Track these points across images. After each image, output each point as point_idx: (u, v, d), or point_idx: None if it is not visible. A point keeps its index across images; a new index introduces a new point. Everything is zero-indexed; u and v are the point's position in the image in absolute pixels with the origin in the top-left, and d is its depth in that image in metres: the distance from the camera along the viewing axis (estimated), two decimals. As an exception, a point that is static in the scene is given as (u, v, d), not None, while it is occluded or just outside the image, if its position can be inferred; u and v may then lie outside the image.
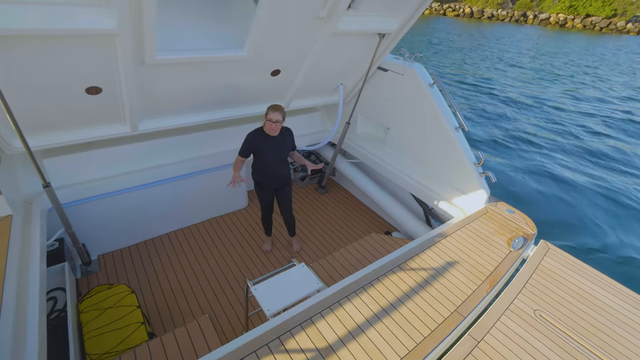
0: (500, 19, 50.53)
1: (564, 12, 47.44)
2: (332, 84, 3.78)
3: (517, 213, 2.90)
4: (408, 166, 3.61)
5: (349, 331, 1.85)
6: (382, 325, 1.90)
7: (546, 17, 48.40)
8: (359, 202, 4.59)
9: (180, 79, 2.59)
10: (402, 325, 1.92)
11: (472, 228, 2.69)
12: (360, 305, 2.00)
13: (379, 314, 1.97)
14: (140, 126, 2.87)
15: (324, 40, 2.81)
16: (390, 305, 2.03)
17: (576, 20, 46.42)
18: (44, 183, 2.37)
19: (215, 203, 4.04)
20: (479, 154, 2.96)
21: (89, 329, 2.35)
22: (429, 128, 3.31)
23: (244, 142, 2.87)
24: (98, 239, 3.36)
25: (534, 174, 7.15)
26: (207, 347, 2.08)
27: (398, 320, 1.94)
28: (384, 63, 3.59)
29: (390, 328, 1.90)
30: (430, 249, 2.46)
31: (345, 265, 2.75)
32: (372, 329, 1.88)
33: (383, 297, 2.07)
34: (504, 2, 52.18)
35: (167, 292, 3.12)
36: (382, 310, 1.99)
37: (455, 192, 3.17)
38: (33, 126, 2.39)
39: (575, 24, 46.52)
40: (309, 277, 2.24)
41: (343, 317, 1.93)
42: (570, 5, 46.94)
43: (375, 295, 2.08)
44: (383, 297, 2.07)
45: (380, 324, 1.91)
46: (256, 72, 2.92)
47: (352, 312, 1.96)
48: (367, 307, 2.00)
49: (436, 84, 3.21)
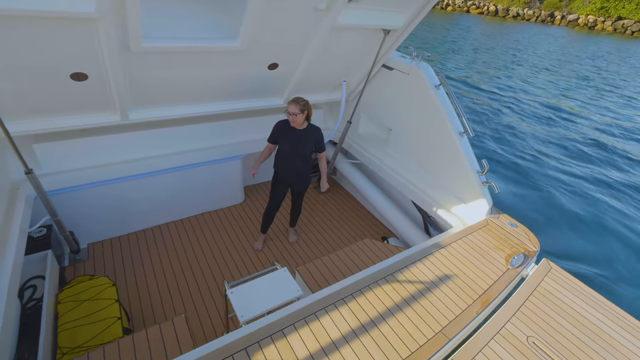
0: (525, 19, 48.76)
1: (594, 14, 45.45)
2: (335, 80, 3.63)
3: (519, 227, 2.72)
4: (409, 170, 3.44)
5: (322, 347, 1.74)
6: (358, 343, 1.78)
7: (575, 18, 46.45)
8: (358, 204, 4.45)
9: (171, 68, 2.49)
10: (380, 344, 1.79)
11: (468, 241, 2.53)
12: (338, 319, 1.88)
13: (356, 329, 1.84)
14: (131, 115, 2.79)
15: (324, 34, 2.66)
16: (370, 320, 1.90)
17: (607, 22, 44.42)
18: (25, 170, 2.32)
19: (210, 197, 3.97)
20: (483, 162, 2.77)
21: (64, 321, 2.31)
22: (432, 132, 3.14)
23: (273, 128, 3.02)
24: (88, 227, 3.33)
25: (545, 189, 6.69)
26: (178, 349, 2.01)
27: (376, 338, 1.81)
28: (390, 61, 3.41)
29: (366, 346, 1.77)
30: (421, 261, 2.32)
31: (333, 271, 2.63)
32: (347, 346, 1.76)
33: (363, 311, 1.95)
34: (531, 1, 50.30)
35: (152, 286, 3.07)
36: (361, 325, 1.87)
37: (456, 200, 3.00)
38: (17, 110, 2.33)
39: (605, 26, 44.52)
40: (289, 284, 2.14)
41: (318, 331, 1.82)
42: (602, 7, 44.92)
43: (355, 308, 1.96)
44: (363, 311, 1.95)
45: (356, 341, 1.79)
46: (252, 65, 2.80)
47: (328, 326, 1.85)
48: (344, 322, 1.88)
49: (442, 85, 3.03)
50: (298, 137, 2.95)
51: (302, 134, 2.96)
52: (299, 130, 2.95)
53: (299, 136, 2.95)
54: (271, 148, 3.11)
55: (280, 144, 3.01)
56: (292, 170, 3.10)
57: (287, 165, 3.08)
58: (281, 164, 3.10)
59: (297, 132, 2.94)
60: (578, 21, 46.29)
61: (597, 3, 45.15)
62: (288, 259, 3.50)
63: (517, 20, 48.44)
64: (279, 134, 2.98)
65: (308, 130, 2.98)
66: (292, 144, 2.97)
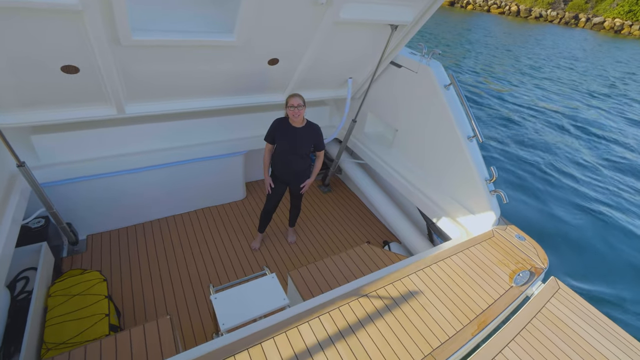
0: (548, 20, 47.17)
1: (622, 17, 43.68)
2: (341, 77, 3.51)
3: (527, 241, 2.56)
4: (413, 174, 3.30)
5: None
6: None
7: (600, 21, 44.72)
8: (362, 205, 4.32)
9: (166, 63, 2.42)
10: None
11: (471, 254, 2.39)
12: (320, 332, 1.78)
13: (340, 347, 1.73)
14: (127, 109, 2.75)
15: (326, 30, 2.54)
16: (356, 337, 1.79)
17: (634, 26, 42.63)
18: (17, 162, 2.29)
19: (211, 193, 3.92)
20: (492, 170, 2.62)
21: (52, 315, 2.28)
22: (439, 134, 2.99)
23: (270, 126, 2.91)
24: (87, 219, 3.31)
25: (559, 201, 6.31)
26: (160, 353, 1.94)
27: (360, 357, 1.70)
28: (398, 58, 3.27)
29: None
30: (418, 273, 2.19)
31: (327, 277, 2.53)
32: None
33: (349, 327, 1.83)
34: (554, 2, 48.61)
35: (147, 281, 3.03)
36: (344, 342, 1.75)
37: (461, 209, 2.85)
38: (11, 102, 2.31)
39: (632, 30, 42.75)
40: (276, 291, 2.05)
41: (298, 345, 1.72)
42: (630, 10, 43.13)
43: (340, 323, 1.85)
44: (349, 327, 1.83)
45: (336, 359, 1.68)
46: (251, 60, 2.71)
47: (309, 341, 1.74)
48: (328, 338, 1.77)
49: (452, 85, 2.87)
50: (297, 135, 2.85)
51: (301, 131, 2.85)
52: (297, 128, 2.84)
53: (297, 134, 2.85)
54: (271, 149, 3.02)
55: (278, 142, 2.91)
56: (290, 169, 3.01)
57: (285, 164, 2.99)
58: (279, 163, 3.01)
59: (295, 130, 2.84)
60: (604, 24, 44.57)
61: (625, 6, 43.38)
62: (285, 259, 3.42)
63: (539, 21, 46.94)
64: (277, 132, 2.88)
65: (307, 128, 2.87)
66: (290, 142, 2.87)
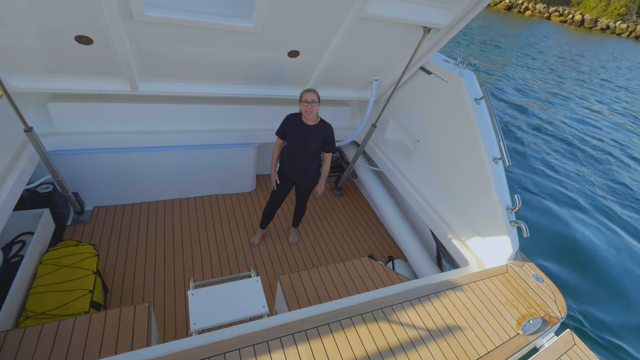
0: (616, 33, 42.90)
1: None
2: (365, 77, 3.29)
3: (546, 283, 2.26)
4: (430, 191, 3.05)
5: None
6: None
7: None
8: (373, 214, 4.11)
9: (181, 43, 2.33)
10: None
11: (477, 288, 2.14)
12: (292, 354, 1.63)
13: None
14: (141, 87, 2.70)
15: (351, 24, 2.34)
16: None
17: None
18: (25, 127, 2.30)
19: (220, 181, 3.87)
20: (516, 198, 2.33)
21: (39, 283, 2.30)
22: (463, 151, 2.72)
23: (282, 121, 2.83)
24: (95, 191, 3.35)
25: (590, 243, 5.54)
26: (130, 342, 1.88)
27: None
28: (429, 64, 3.01)
29: None
30: (414, 304, 1.98)
31: (318, 289, 2.37)
32: None
33: (325, 353, 1.67)
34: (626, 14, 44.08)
35: (140, 261, 3.02)
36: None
37: (476, 236, 2.58)
38: (26, 67, 2.31)
39: None
40: (256, 297, 1.92)
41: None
42: None
43: (316, 347, 1.68)
44: (325, 353, 1.67)
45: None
46: (269, 50, 2.57)
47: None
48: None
49: (484, 100, 2.59)
50: (308, 133, 2.71)
51: (313, 130, 2.71)
52: (310, 126, 2.70)
53: (309, 132, 2.71)
54: (281, 144, 2.90)
55: (288, 138, 2.79)
56: (297, 167, 2.88)
57: (293, 162, 2.86)
58: (286, 159, 2.89)
59: (307, 128, 2.70)
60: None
61: None
62: (282, 260, 3.30)
63: (606, 33, 42.78)
64: (288, 127, 2.76)
65: (319, 127, 2.72)
66: (300, 140, 2.73)
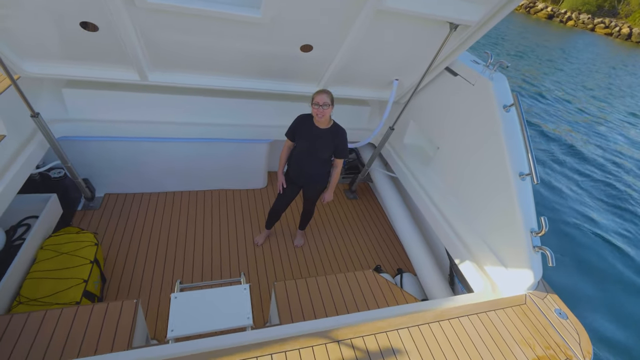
0: (668, 49, 39.21)
1: None
2: (385, 76, 3.09)
3: (571, 320, 1.98)
4: (447, 203, 2.80)
5: None
6: None
7: None
8: (386, 222, 3.89)
9: (187, 33, 2.25)
10: None
11: (489, 320, 1.89)
12: None
13: None
14: (150, 77, 2.66)
15: (368, 18, 2.16)
16: None
17: None
18: (31, 112, 2.30)
19: (231, 176, 3.80)
20: (542, 221, 2.05)
21: (36, 269, 2.29)
22: (486, 163, 2.46)
23: (293, 122, 2.69)
24: (105, 178, 3.37)
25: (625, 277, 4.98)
26: (112, 340, 1.82)
27: None
28: (455, 64, 2.76)
29: None
30: (413, 332, 1.78)
31: (314, 300, 2.21)
32: None
33: None
34: (681, 29, 40.08)
35: (142, 253, 2.99)
36: None
37: (493, 259, 2.32)
38: (35, 52, 2.31)
39: None
40: (242, 306, 1.80)
41: None
42: None
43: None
44: None
45: None
46: (280, 43, 2.43)
47: None
48: None
49: (514, 107, 2.32)
50: (318, 136, 2.56)
51: (325, 134, 2.56)
52: (321, 129, 2.55)
53: (319, 135, 2.56)
54: (290, 146, 2.77)
55: (297, 141, 2.65)
56: (305, 172, 2.74)
57: (300, 166, 2.72)
58: (294, 163, 2.75)
59: (318, 131, 2.55)
60: None
61: None
62: (285, 263, 3.17)
63: (656, 49, 39.21)
64: (299, 129, 2.62)
65: (332, 131, 2.56)
66: (310, 143, 2.59)
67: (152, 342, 2.26)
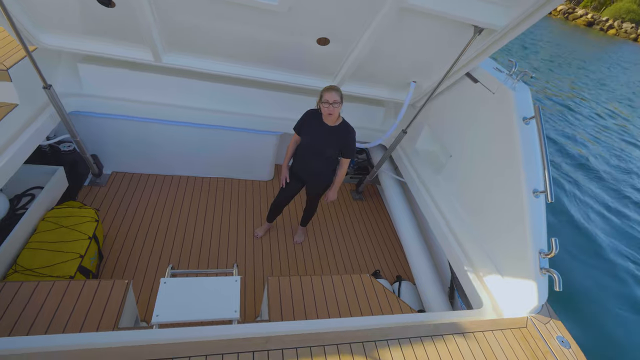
0: None
1: None
2: (402, 77, 2.99)
3: (573, 350, 1.87)
4: (454, 214, 2.70)
5: None
6: None
7: None
8: (390, 225, 3.80)
9: (203, 16, 2.22)
10: None
11: (485, 341, 1.80)
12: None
13: None
14: (164, 58, 2.64)
15: (390, 15, 2.07)
16: None
17: None
18: (44, 84, 2.31)
19: (237, 165, 3.77)
20: (553, 242, 1.94)
21: (35, 239, 2.31)
22: (499, 176, 2.35)
23: (301, 116, 2.63)
24: (114, 155, 3.39)
25: None
26: (99, 319, 1.81)
27: None
28: (477, 71, 2.64)
29: None
30: (403, 344, 1.70)
31: (307, 300, 2.15)
32: None
33: None
34: None
35: (142, 234, 2.99)
36: None
37: (497, 277, 2.22)
38: (54, 25, 2.32)
39: None
40: (230, 298, 1.75)
41: None
42: None
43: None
44: None
45: None
46: (296, 34, 2.37)
47: None
48: None
49: (535, 120, 2.20)
50: (325, 134, 2.49)
51: (332, 131, 2.49)
52: (329, 127, 2.48)
53: (327, 133, 2.49)
54: (297, 140, 2.71)
55: (303, 137, 2.59)
56: (309, 168, 2.69)
57: (305, 162, 2.68)
58: (299, 158, 2.71)
59: (326, 127, 2.49)
60: None
61: None
62: (282, 258, 3.13)
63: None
64: (306, 124, 2.56)
65: (340, 129, 2.49)
66: (316, 140, 2.53)
67: (141, 324, 2.25)
